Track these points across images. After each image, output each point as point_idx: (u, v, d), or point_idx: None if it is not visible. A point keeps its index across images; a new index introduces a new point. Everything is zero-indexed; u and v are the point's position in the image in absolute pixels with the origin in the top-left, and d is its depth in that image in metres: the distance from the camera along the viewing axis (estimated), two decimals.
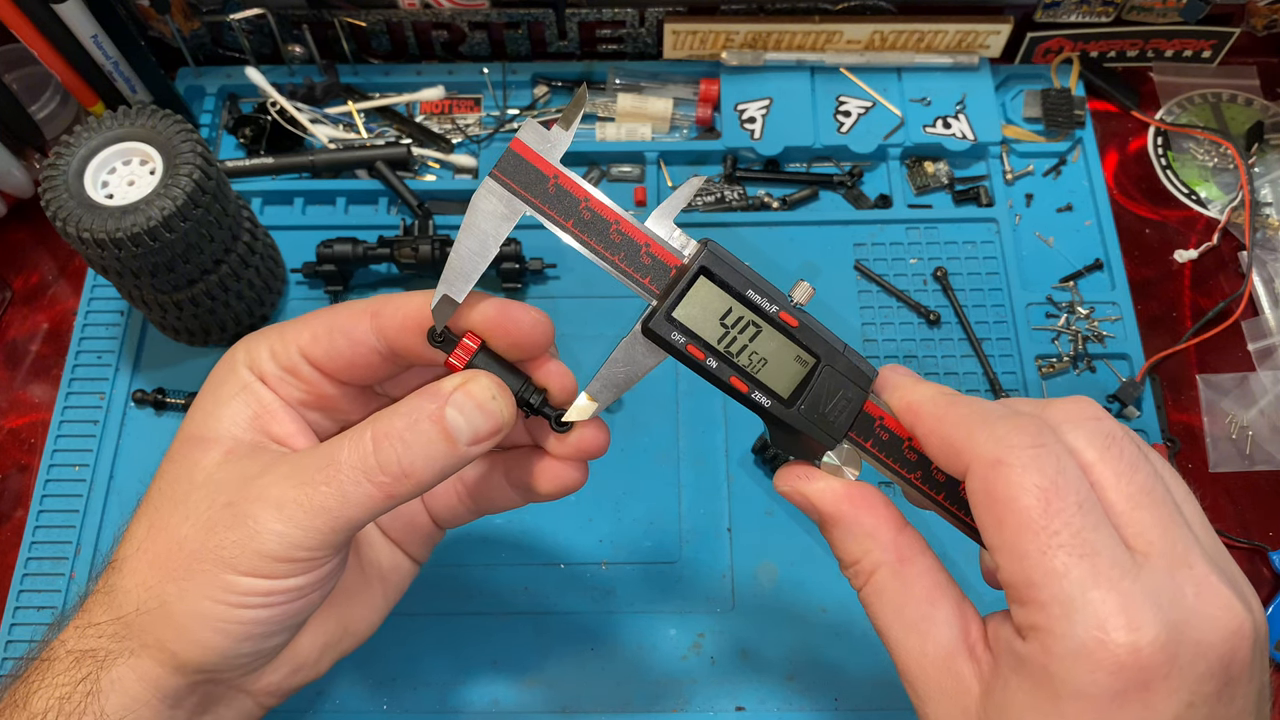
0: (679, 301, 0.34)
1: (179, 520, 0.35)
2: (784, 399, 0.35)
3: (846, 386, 0.35)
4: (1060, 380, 0.62)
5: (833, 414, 0.35)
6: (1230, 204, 0.68)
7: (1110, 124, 0.72)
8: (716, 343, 0.35)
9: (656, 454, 0.60)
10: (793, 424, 0.35)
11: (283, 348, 0.37)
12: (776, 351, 0.35)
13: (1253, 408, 0.61)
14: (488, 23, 0.70)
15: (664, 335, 0.34)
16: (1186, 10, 0.69)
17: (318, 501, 0.33)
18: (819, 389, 0.35)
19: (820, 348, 0.35)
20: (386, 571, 0.42)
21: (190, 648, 0.34)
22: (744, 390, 0.35)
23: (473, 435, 0.34)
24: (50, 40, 0.60)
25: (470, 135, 0.69)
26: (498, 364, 0.36)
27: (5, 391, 0.63)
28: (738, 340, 0.35)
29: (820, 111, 0.69)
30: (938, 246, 0.66)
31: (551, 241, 0.67)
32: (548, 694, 0.53)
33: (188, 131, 0.53)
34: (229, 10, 0.67)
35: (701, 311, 0.34)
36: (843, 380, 0.35)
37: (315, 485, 0.33)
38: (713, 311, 0.35)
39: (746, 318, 0.35)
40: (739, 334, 0.35)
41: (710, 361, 0.35)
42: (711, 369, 0.35)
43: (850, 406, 0.35)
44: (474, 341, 0.35)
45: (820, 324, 0.35)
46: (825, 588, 0.56)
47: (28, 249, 0.68)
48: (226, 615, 0.34)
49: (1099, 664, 0.27)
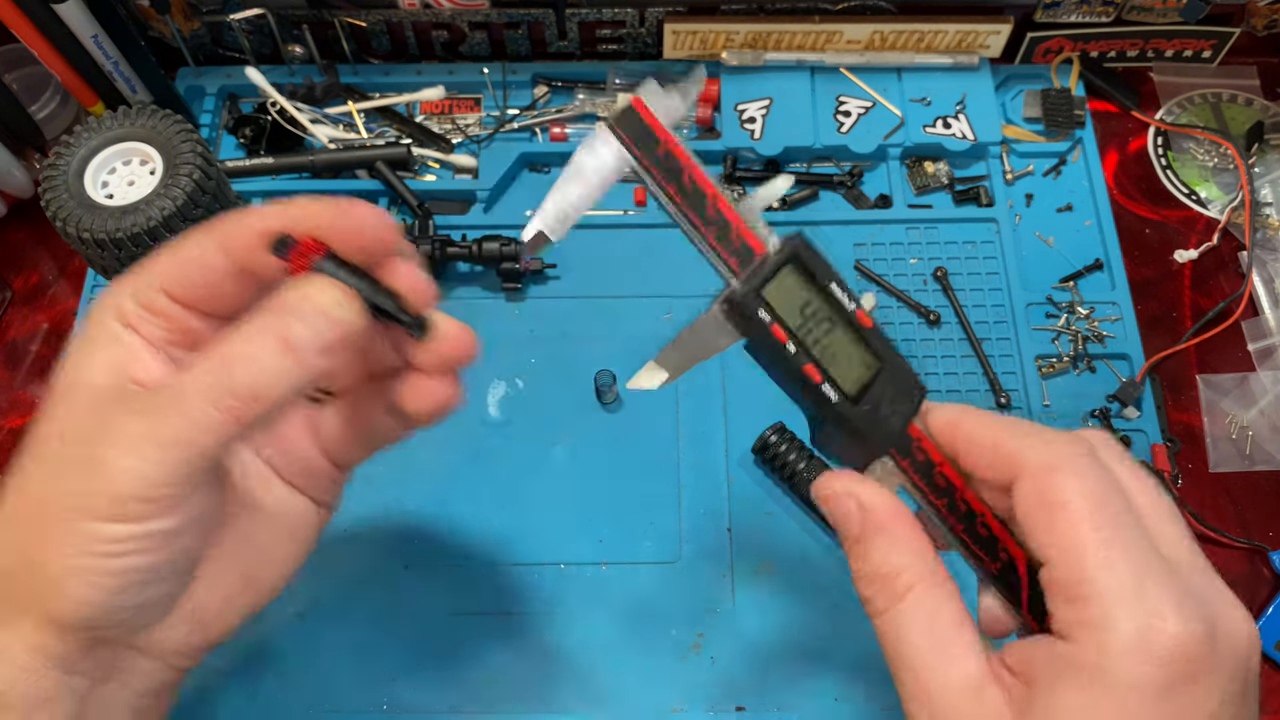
0: (766, 283, 0.34)
1: (38, 476, 0.33)
2: (851, 396, 0.35)
3: (901, 396, 0.36)
4: (1060, 380, 0.62)
5: (888, 420, 0.35)
6: (1230, 204, 0.68)
7: (1110, 124, 0.72)
8: (797, 330, 0.35)
9: (656, 454, 0.60)
10: (855, 422, 0.35)
11: (141, 286, 0.35)
12: (847, 349, 0.36)
13: (1253, 408, 0.61)
14: (488, 23, 0.70)
15: (750, 312, 0.34)
16: (1186, 10, 0.69)
17: (167, 433, 0.31)
18: (879, 393, 0.35)
19: (885, 353, 0.36)
20: (289, 518, 0.40)
21: (64, 603, 0.32)
22: (817, 380, 0.35)
23: (319, 345, 0.32)
24: (50, 40, 0.60)
25: (470, 135, 0.69)
26: (344, 270, 0.34)
27: (5, 391, 0.63)
28: (813, 332, 0.35)
29: (820, 111, 0.69)
30: (938, 246, 0.66)
31: None
32: (547, 693, 0.53)
33: (188, 131, 0.53)
34: (229, 10, 0.67)
35: (785, 298, 0.35)
36: (899, 389, 0.36)
37: (163, 415, 0.32)
38: (795, 300, 0.35)
39: (824, 312, 0.35)
40: (815, 326, 0.35)
41: (790, 346, 0.34)
42: (790, 354, 0.34)
43: (904, 415, 0.35)
44: (318, 248, 0.33)
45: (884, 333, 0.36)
46: (825, 588, 0.56)
47: (28, 249, 0.68)
48: (95, 566, 0.32)
49: (1153, 655, 0.29)
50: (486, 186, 0.67)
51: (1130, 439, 0.60)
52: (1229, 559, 0.58)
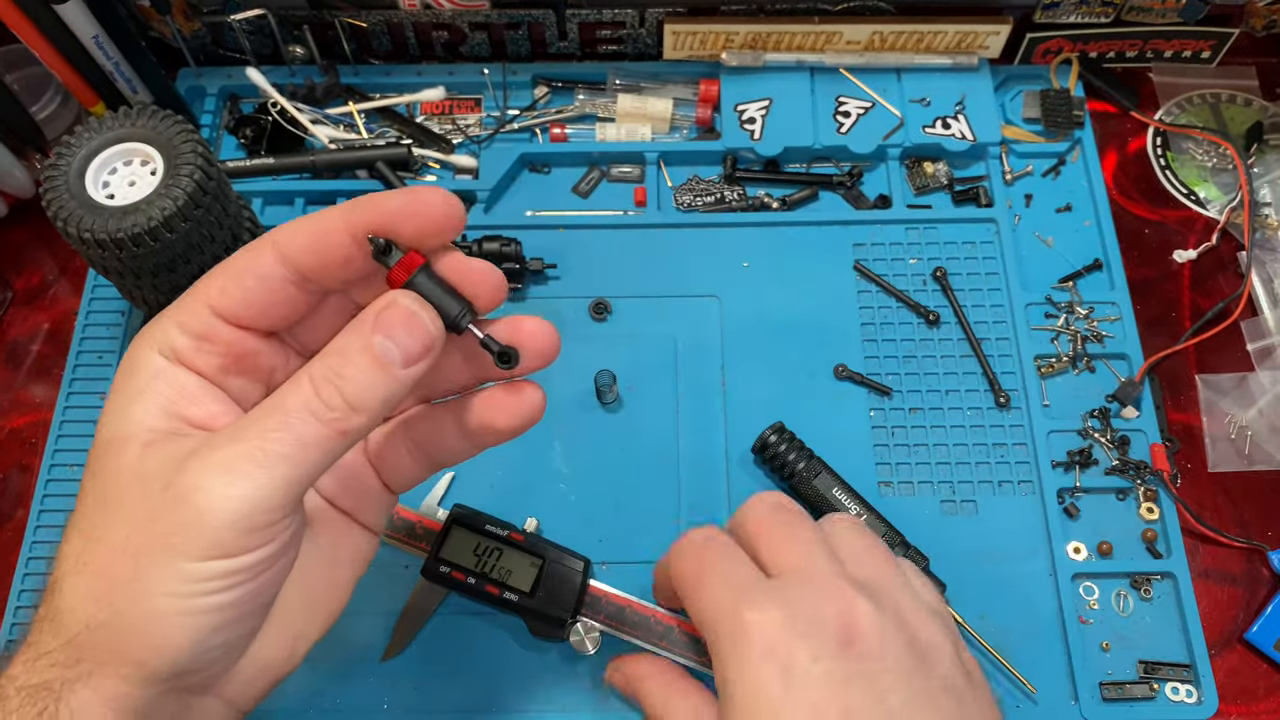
0: (441, 547, 0.51)
1: (115, 524, 0.32)
2: (526, 592, 0.50)
3: (569, 574, 0.50)
4: (1059, 380, 0.62)
5: (563, 595, 0.50)
6: (1229, 204, 0.68)
7: (1109, 124, 0.72)
8: (474, 567, 0.51)
9: (656, 454, 0.60)
10: (538, 608, 0.50)
11: (191, 315, 0.34)
12: (516, 561, 0.51)
13: (1252, 408, 0.61)
14: (488, 23, 0.70)
15: (437, 572, 0.50)
16: (1186, 11, 0.69)
17: (273, 449, 0.31)
18: (550, 578, 0.50)
19: (544, 551, 0.51)
20: (345, 547, 0.40)
21: (157, 652, 0.31)
22: (495, 593, 0.50)
23: (405, 357, 0.33)
24: (51, 41, 0.60)
25: (470, 136, 0.70)
26: (438, 286, 0.35)
27: (6, 391, 0.63)
28: (488, 562, 0.51)
29: (820, 112, 0.69)
30: (937, 247, 0.66)
31: (552, 241, 0.67)
32: (547, 693, 0.54)
33: (188, 132, 0.53)
34: (230, 11, 0.67)
35: (459, 549, 0.51)
36: (565, 570, 0.50)
37: (265, 434, 0.31)
38: (468, 546, 0.51)
39: (490, 545, 0.51)
40: (488, 558, 0.51)
41: (470, 579, 0.50)
42: (471, 585, 0.50)
43: (575, 586, 0.50)
44: (418, 260, 0.34)
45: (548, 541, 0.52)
46: None
47: (28, 249, 0.68)
48: (189, 607, 0.31)
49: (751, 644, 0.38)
50: (487, 187, 0.67)
51: (1129, 439, 0.60)
52: (1228, 559, 0.58)
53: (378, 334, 0.33)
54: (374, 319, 0.33)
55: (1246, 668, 0.55)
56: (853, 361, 0.62)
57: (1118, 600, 0.56)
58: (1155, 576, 0.56)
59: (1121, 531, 0.58)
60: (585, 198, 0.68)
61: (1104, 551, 0.57)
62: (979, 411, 0.61)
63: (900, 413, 0.61)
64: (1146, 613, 0.56)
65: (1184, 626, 0.55)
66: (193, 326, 0.34)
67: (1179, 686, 0.54)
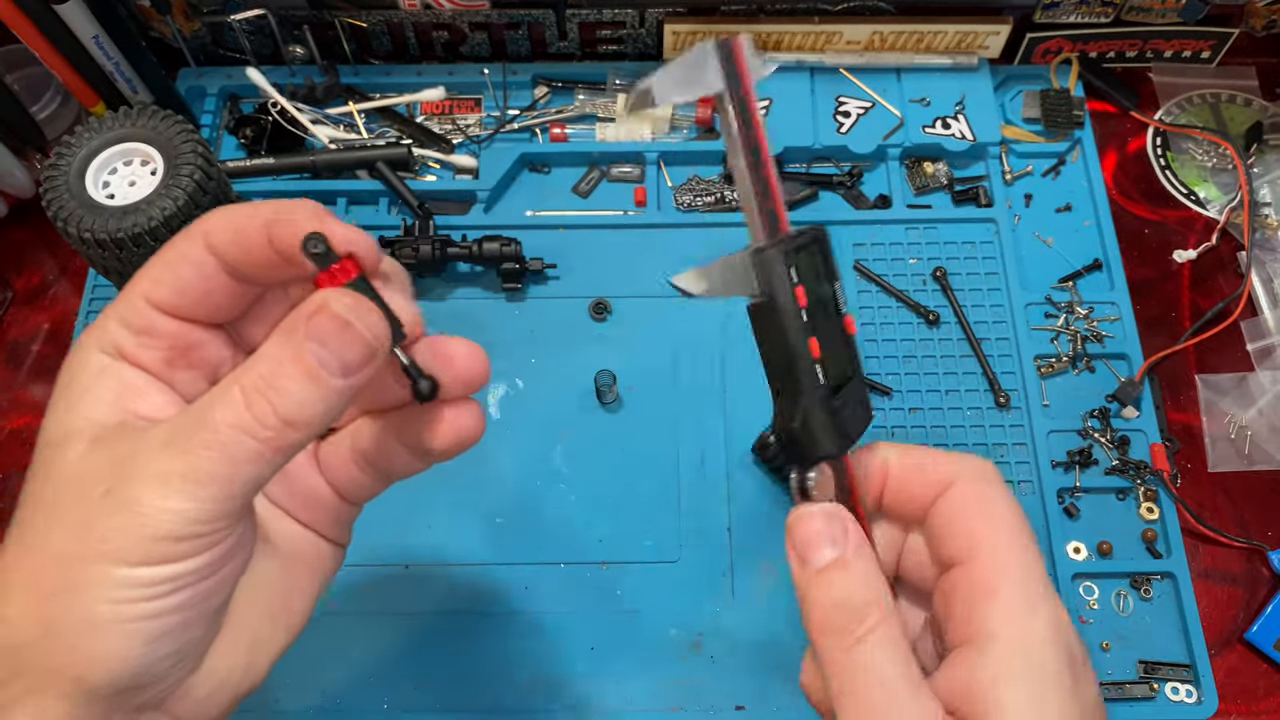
0: (798, 251, 0.34)
1: (50, 530, 0.30)
2: (831, 387, 0.34)
3: (860, 410, 0.36)
4: (1059, 380, 0.62)
5: (847, 426, 0.35)
6: (1229, 204, 0.68)
7: (1109, 124, 0.72)
8: (810, 303, 0.34)
9: (656, 454, 0.60)
10: (825, 414, 0.34)
11: (130, 310, 0.33)
12: (838, 345, 0.35)
13: (1251, 408, 0.61)
14: (488, 23, 0.70)
15: (780, 268, 0.33)
16: (1186, 11, 0.69)
17: (204, 468, 0.29)
18: (848, 397, 0.35)
19: (858, 366, 0.36)
20: (301, 556, 0.37)
21: (96, 665, 0.29)
22: (816, 355, 0.34)
23: (342, 367, 0.30)
24: (51, 41, 0.60)
25: (470, 136, 0.70)
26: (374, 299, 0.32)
27: (6, 391, 0.63)
28: (818, 315, 0.34)
29: (820, 112, 0.69)
30: (937, 246, 0.66)
31: (552, 241, 0.67)
32: (548, 693, 0.54)
33: (188, 132, 0.53)
34: (230, 11, 0.67)
35: (807, 273, 0.34)
36: (860, 403, 0.36)
37: (196, 452, 0.29)
38: (812, 279, 0.34)
39: (829, 303, 0.35)
40: (820, 311, 0.34)
41: (804, 314, 0.33)
42: (803, 321, 0.33)
43: (859, 426, 0.36)
44: (355, 268, 0.31)
45: None
46: None
47: (29, 249, 0.68)
48: (128, 613, 0.29)
49: (1064, 643, 0.32)
50: (487, 187, 0.67)
51: (1129, 439, 0.60)
52: (1227, 558, 0.58)
53: (310, 341, 0.30)
54: (305, 324, 0.30)
55: (1246, 667, 0.55)
56: None
57: (1118, 600, 0.56)
58: (1155, 576, 0.56)
59: (1121, 531, 0.58)
60: (585, 198, 0.68)
61: (1104, 551, 0.57)
62: (979, 411, 0.61)
63: (900, 413, 0.61)
64: (1146, 613, 0.56)
65: (1184, 626, 0.55)
66: (132, 321, 0.33)
67: (1179, 686, 0.54)
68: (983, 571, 0.33)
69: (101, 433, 0.32)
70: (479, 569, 0.57)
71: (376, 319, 0.31)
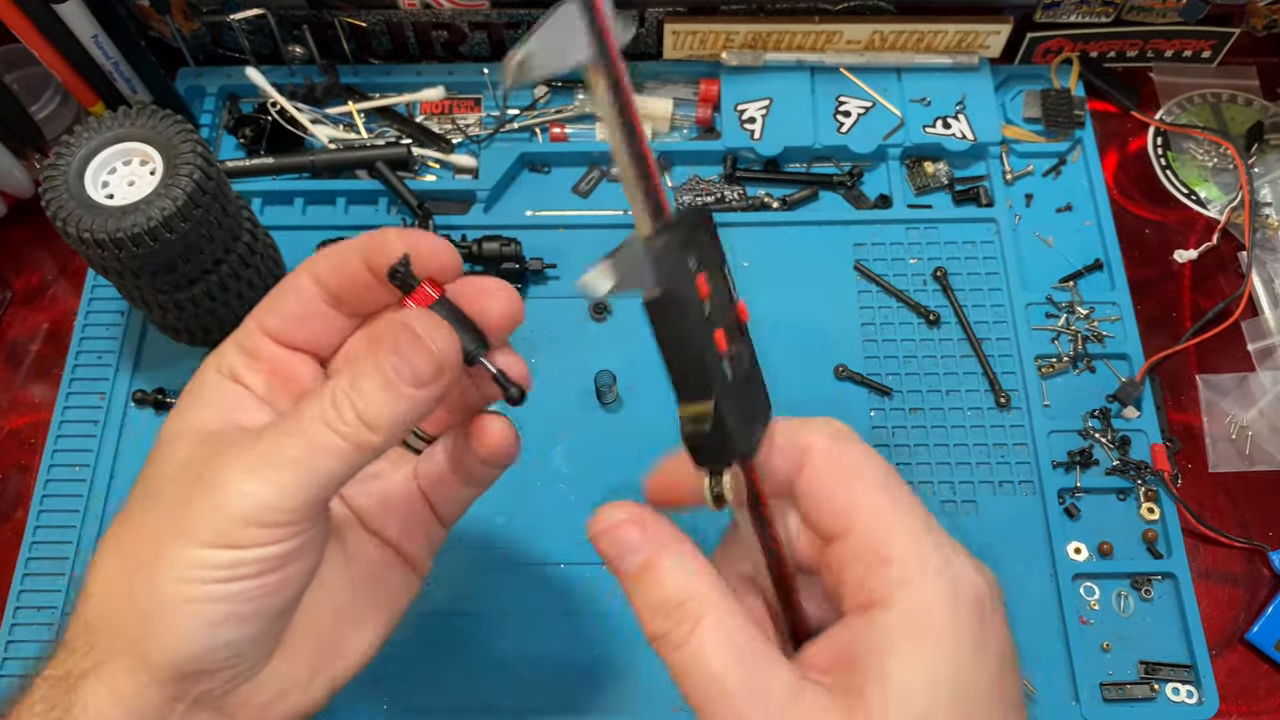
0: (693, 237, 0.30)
1: (149, 511, 0.33)
2: (739, 382, 0.31)
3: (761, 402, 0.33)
4: (1060, 380, 0.62)
5: (755, 421, 0.32)
6: (1230, 204, 0.68)
7: (1110, 124, 0.72)
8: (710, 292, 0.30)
9: (657, 454, 0.59)
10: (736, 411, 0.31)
11: (244, 334, 0.37)
12: (736, 336, 0.32)
13: (1252, 408, 0.61)
14: (488, 23, 0.70)
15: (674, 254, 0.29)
16: (1186, 10, 0.69)
17: (285, 453, 0.32)
18: (750, 391, 0.32)
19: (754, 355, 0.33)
20: (381, 580, 0.40)
21: (163, 641, 0.31)
22: (722, 350, 0.31)
23: (414, 378, 0.33)
24: (50, 40, 0.60)
25: (470, 135, 0.69)
26: (454, 317, 0.35)
27: (5, 391, 0.63)
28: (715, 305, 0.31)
29: (820, 111, 0.69)
30: (937, 246, 0.66)
31: (552, 241, 0.67)
32: (548, 693, 0.53)
33: (188, 131, 0.53)
34: (229, 10, 0.67)
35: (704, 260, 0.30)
36: (760, 394, 0.33)
37: (281, 439, 0.32)
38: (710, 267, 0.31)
39: (722, 291, 0.31)
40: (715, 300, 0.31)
41: (707, 305, 0.30)
42: (706, 314, 0.30)
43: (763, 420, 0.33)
44: (436, 290, 0.35)
45: None
46: None
47: (28, 249, 0.68)
48: (195, 593, 0.31)
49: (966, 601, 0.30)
50: (486, 186, 0.67)
51: (1130, 439, 0.60)
52: (1228, 559, 0.58)
53: (390, 353, 0.33)
54: (388, 336, 0.34)
55: (1247, 668, 0.55)
56: (853, 361, 0.62)
57: (1118, 600, 0.56)
58: (1156, 577, 0.56)
59: (1122, 532, 0.57)
60: (585, 198, 0.68)
61: (1104, 552, 0.57)
62: (979, 411, 0.61)
63: (900, 413, 0.61)
64: (1147, 613, 0.56)
65: (1185, 627, 0.55)
66: (244, 345, 0.37)
67: (1180, 687, 0.54)
68: (867, 540, 0.31)
69: (206, 436, 0.35)
70: (479, 569, 0.56)
71: (447, 338, 0.34)
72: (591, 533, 0.35)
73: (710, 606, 0.32)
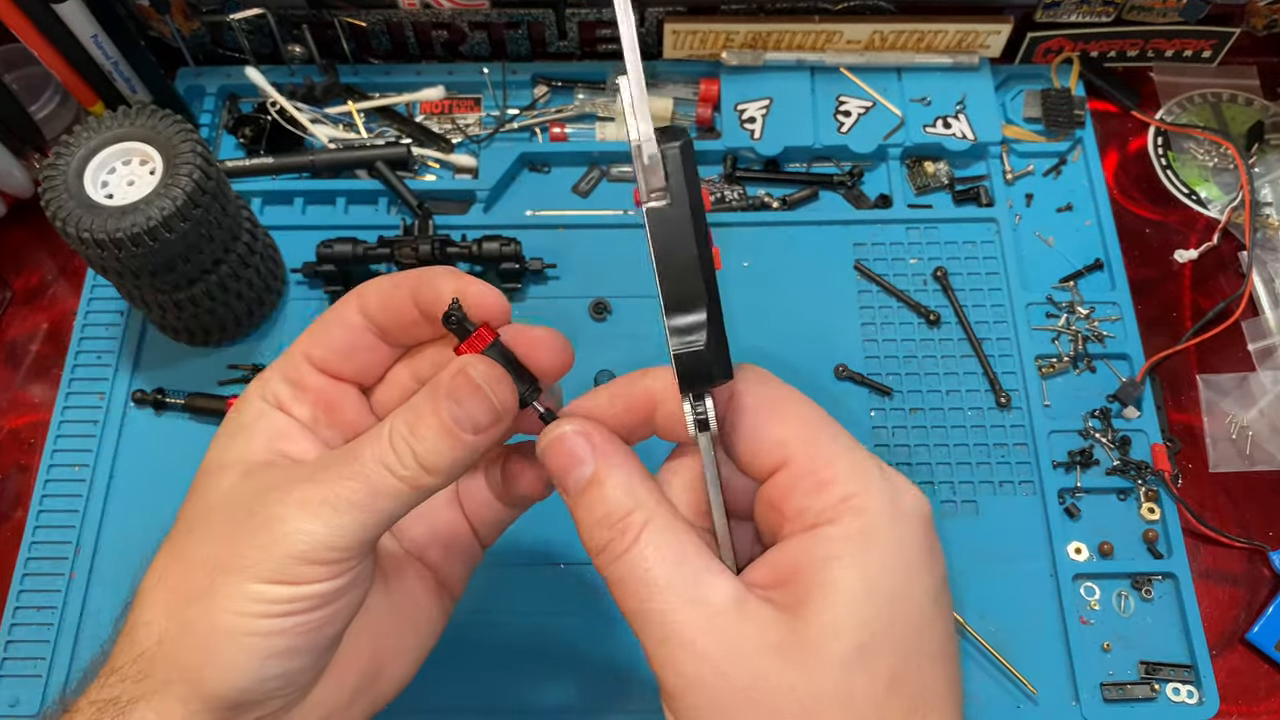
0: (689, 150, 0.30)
1: (199, 542, 0.34)
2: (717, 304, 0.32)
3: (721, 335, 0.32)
4: (1060, 380, 0.62)
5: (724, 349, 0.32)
6: (1230, 204, 0.68)
7: (1110, 124, 0.72)
8: None
9: (656, 454, 0.59)
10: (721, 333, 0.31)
11: (289, 363, 0.37)
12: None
13: (1253, 408, 0.61)
14: (488, 23, 0.70)
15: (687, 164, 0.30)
16: (1186, 10, 0.69)
17: (345, 495, 0.33)
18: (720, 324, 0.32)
19: None
20: (419, 604, 0.40)
21: (217, 672, 0.32)
22: (718, 267, 0.32)
23: (473, 425, 0.34)
24: (50, 40, 0.60)
25: (470, 135, 0.69)
26: (507, 360, 0.36)
27: (5, 391, 0.63)
28: None
29: (820, 111, 0.69)
30: (938, 246, 0.66)
31: (552, 241, 0.67)
32: (548, 692, 0.53)
33: (187, 131, 0.53)
34: (229, 10, 0.67)
35: None
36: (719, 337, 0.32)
37: (341, 481, 0.33)
38: None
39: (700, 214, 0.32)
40: None
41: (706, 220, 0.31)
42: (708, 226, 0.31)
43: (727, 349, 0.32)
44: (489, 335, 0.35)
45: None
46: None
47: (27, 249, 0.68)
48: (250, 627, 0.32)
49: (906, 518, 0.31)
50: (486, 186, 0.67)
51: (1130, 439, 0.60)
52: (1228, 559, 0.58)
53: (449, 400, 0.34)
54: (448, 383, 0.34)
55: (1248, 668, 0.55)
56: (853, 361, 0.62)
57: (1119, 601, 0.56)
58: (1156, 577, 0.56)
59: (1122, 532, 0.57)
60: (585, 197, 0.68)
61: (1105, 552, 0.57)
62: (979, 411, 0.61)
63: (901, 413, 0.61)
64: (1147, 613, 0.56)
65: (1185, 627, 0.55)
66: (290, 374, 0.37)
67: (1180, 687, 0.54)
68: (808, 466, 0.32)
69: (252, 468, 0.35)
70: (479, 570, 0.56)
71: (506, 388, 0.35)
72: (539, 445, 0.35)
73: (655, 516, 0.32)
